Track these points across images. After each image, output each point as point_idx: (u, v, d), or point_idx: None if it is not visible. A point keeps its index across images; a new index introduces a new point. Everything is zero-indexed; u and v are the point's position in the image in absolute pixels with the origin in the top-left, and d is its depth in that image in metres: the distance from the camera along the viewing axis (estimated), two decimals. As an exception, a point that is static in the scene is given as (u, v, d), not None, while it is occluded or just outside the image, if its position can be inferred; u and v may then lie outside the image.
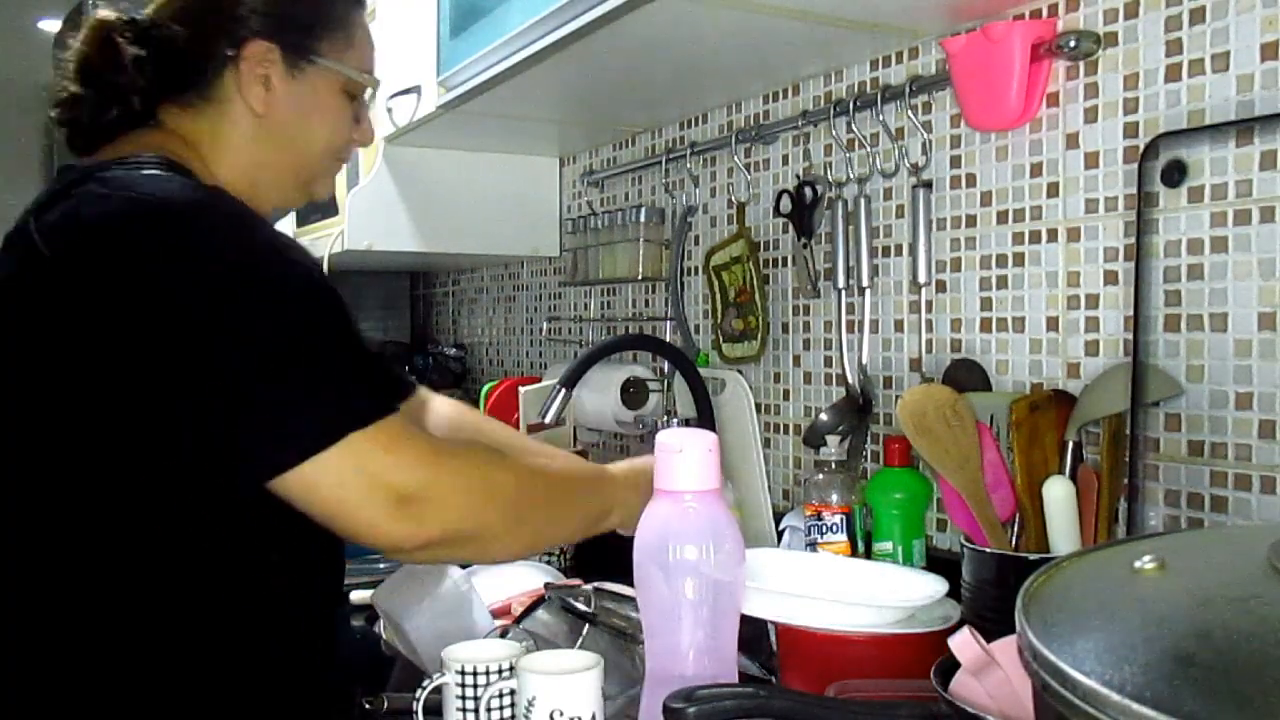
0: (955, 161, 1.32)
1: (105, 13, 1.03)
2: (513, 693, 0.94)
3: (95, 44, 1.02)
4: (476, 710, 0.95)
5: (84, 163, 0.99)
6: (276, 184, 1.10)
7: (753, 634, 1.06)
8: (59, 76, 1.04)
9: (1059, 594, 0.53)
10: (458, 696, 0.95)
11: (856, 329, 1.44)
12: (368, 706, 1.06)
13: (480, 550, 1.00)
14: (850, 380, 1.44)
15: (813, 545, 1.30)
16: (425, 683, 0.97)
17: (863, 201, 1.40)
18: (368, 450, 0.87)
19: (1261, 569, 0.49)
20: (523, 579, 1.47)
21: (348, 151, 1.16)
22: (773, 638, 1.11)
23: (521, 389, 1.85)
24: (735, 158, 1.66)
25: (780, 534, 1.46)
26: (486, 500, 0.95)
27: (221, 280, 0.86)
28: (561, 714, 0.88)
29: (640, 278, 1.86)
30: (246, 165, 1.06)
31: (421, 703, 0.96)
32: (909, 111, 1.34)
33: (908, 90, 1.33)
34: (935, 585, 1.05)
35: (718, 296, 1.70)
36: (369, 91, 1.13)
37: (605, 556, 1.25)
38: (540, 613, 1.22)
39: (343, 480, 0.87)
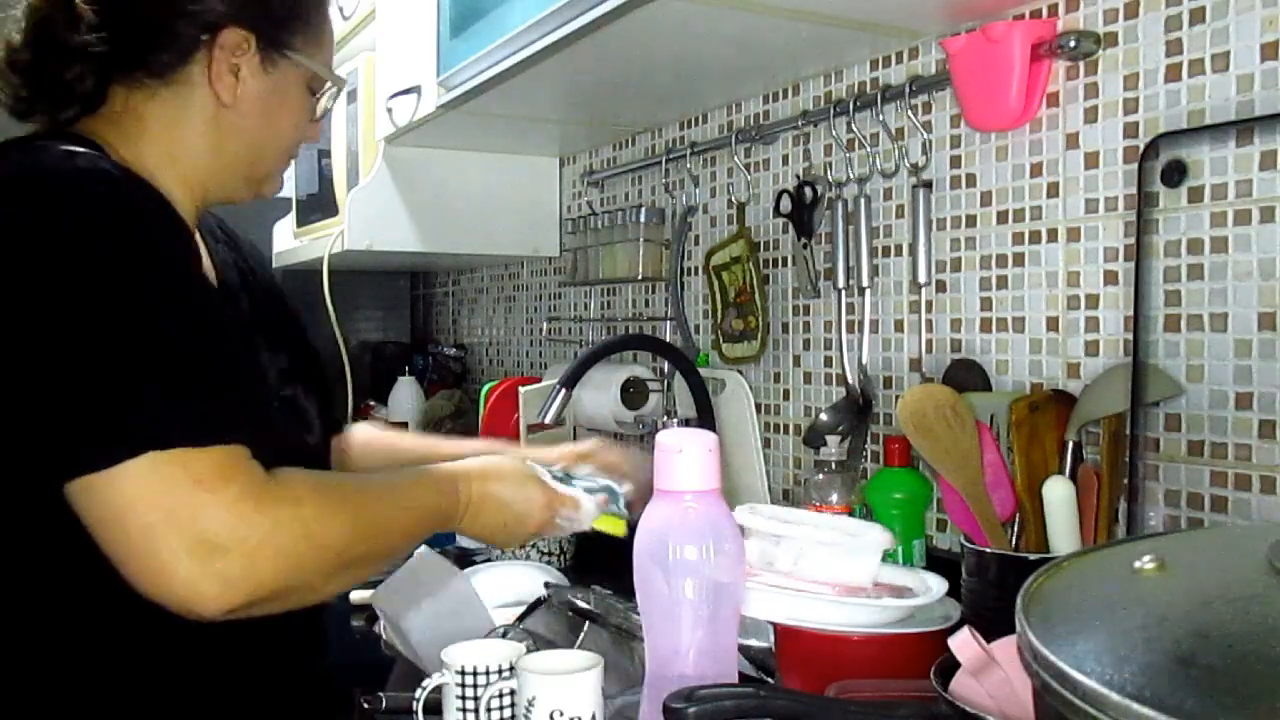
0: (955, 161, 1.32)
1: None
2: (513, 693, 0.94)
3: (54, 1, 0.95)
4: (476, 710, 0.95)
5: None
6: (227, 176, 1.03)
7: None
8: (9, 29, 0.97)
9: (1059, 594, 0.53)
10: (458, 696, 0.95)
11: (856, 329, 1.44)
12: (366, 706, 1.06)
13: (300, 601, 0.87)
14: (850, 380, 1.44)
15: (813, 545, 1.30)
16: (425, 682, 0.97)
17: (863, 201, 1.40)
18: (176, 478, 0.76)
19: (1261, 569, 0.49)
20: (523, 579, 1.47)
21: (297, 149, 1.11)
22: (771, 637, 1.11)
23: (521, 389, 1.85)
24: (735, 158, 1.66)
25: (780, 534, 1.46)
26: (309, 554, 0.82)
27: (54, 255, 0.80)
28: (561, 714, 0.88)
29: (640, 278, 1.86)
30: (198, 155, 1.00)
31: (421, 703, 0.96)
32: (909, 111, 1.34)
33: (908, 90, 1.33)
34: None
35: (718, 296, 1.70)
36: (331, 91, 1.08)
37: (605, 557, 1.25)
38: (540, 613, 1.22)
39: (135, 501, 0.75)
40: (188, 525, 0.76)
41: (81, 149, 0.89)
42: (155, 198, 0.88)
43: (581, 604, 1.14)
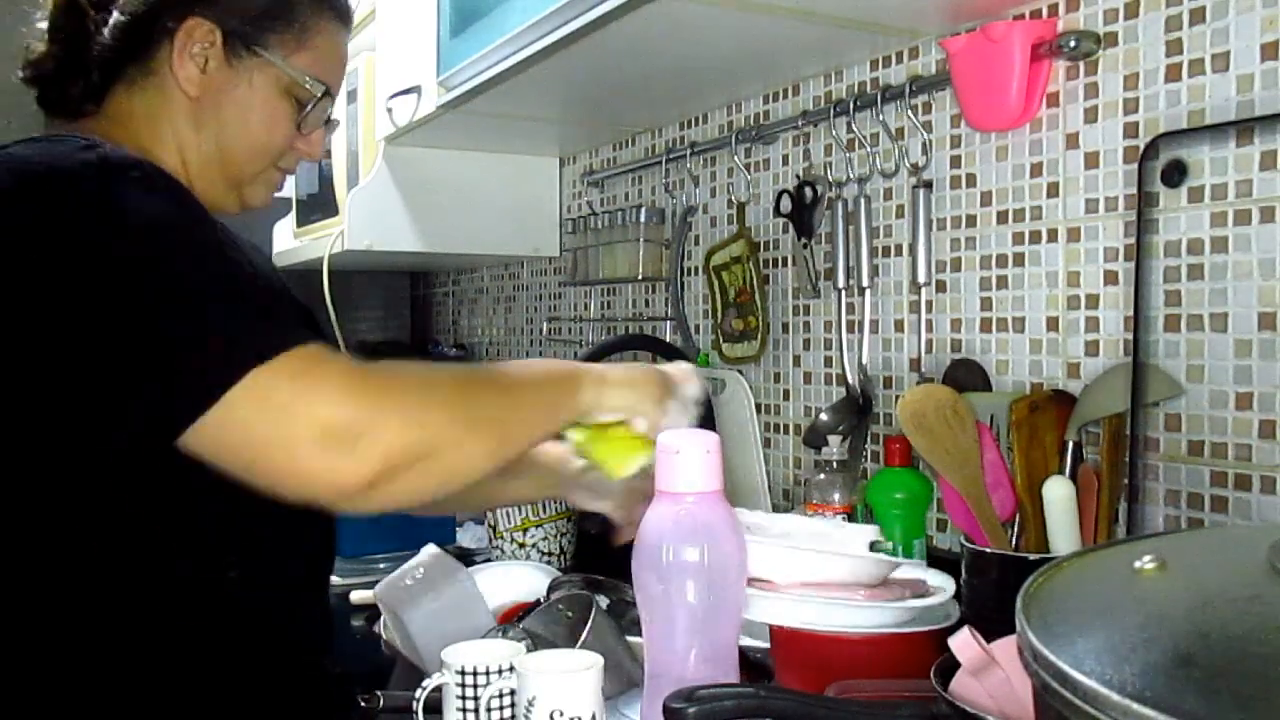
0: (955, 161, 1.32)
1: None
2: (513, 692, 0.94)
3: (63, 7, 1.01)
4: (476, 710, 0.95)
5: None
6: (205, 178, 1.04)
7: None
8: (29, 38, 1.03)
9: (1059, 594, 0.53)
10: (458, 696, 0.95)
11: (856, 329, 1.44)
12: (363, 704, 1.06)
13: (445, 468, 0.85)
14: (850, 380, 1.44)
15: (813, 545, 1.30)
16: (425, 682, 0.97)
17: (863, 201, 1.40)
18: (273, 383, 0.78)
19: (1261, 569, 0.49)
20: (525, 579, 1.47)
21: (289, 160, 1.10)
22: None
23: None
24: (735, 158, 1.66)
25: (780, 534, 1.46)
26: (426, 408, 0.84)
27: (95, 236, 0.82)
28: (562, 714, 0.88)
29: (640, 278, 1.86)
30: (176, 150, 1.02)
31: (421, 702, 0.96)
32: (909, 111, 1.34)
33: (908, 90, 1.33)
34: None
35: (718, 296, 1.70)
36: (315, 101, 1.06)
37: (605, 557, 1.25)
38: (540, 613, 1.22)
39: (249, 421, 0.78)
40: (305, 419, 0.79)
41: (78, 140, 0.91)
42: (170, 175, 0.91)
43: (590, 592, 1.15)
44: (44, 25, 1.03)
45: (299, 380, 0.79)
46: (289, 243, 2.48)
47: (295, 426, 0.78)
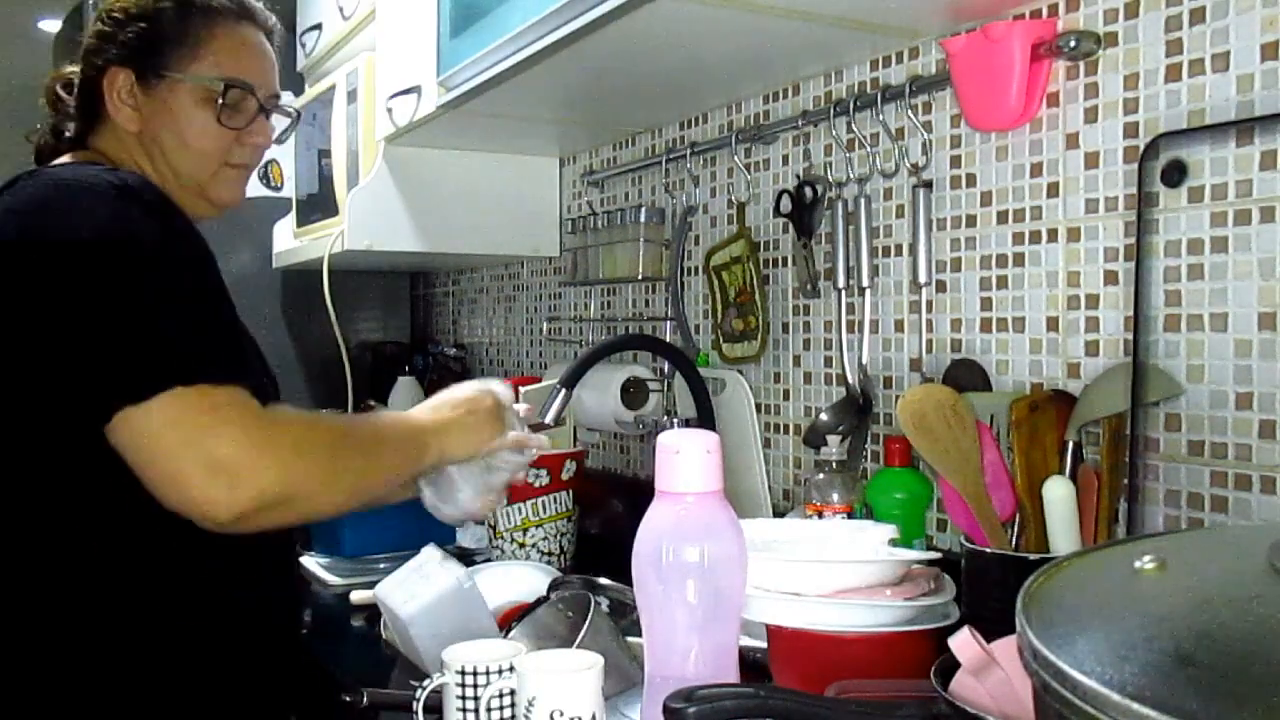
0: (955, 161, 1.32)
1: (55, 71, 1.25)
2: (513, 692, 0.94)
3: (48, 92, 1.25)
4: (477, 710, 0.95)
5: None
6: (175, 193, 1.16)
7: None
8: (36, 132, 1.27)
9: (1059, 594, 0.53)
10: (458, 697, 0.95)
11: (856, 329, 1.44)
12: (347, 700, 1.07)
13: (301, 513, 1.00)
14: (850, 380, 1.44)
15: (813, 545, 1.30)
16: (425, 682, 0.97)
17: (863, 201, 1.40)
18: (190, 406, 0.91)
19: (1261, 569, 0.49)
20: (525, 579, 1.47)
21: (240, 156, 1.23)
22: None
23: (521, 389, 1.84)
24: (735, 158, 1.66)
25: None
26: (298, 461, 0.96)
27: (93, 241, 0.96)
28: (562, 714, 0.88)
29: (640, 278, 1.86)
30: (149, 176, 1.15)
31: (421, 702, 0.96)
32: (909, 111, 1.34)
33: (908, 90, 1.33)
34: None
35: (718, 296, 1.70)
36: (222, 96, 1.19)
37: (605, 557, 1.25)
38: (540, 612, 1.22)
39: (157, 432, 0.91)
40: (202, 449, 0.91)
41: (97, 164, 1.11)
42: (171, 201, 1.07)
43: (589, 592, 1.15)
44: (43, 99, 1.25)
45: (211, 414, 0.92)
46: (289, 243, 2.48)
47: (192, 453, 0.90)
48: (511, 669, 0.94)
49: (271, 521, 0.97)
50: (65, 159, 1.18)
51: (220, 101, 1.19)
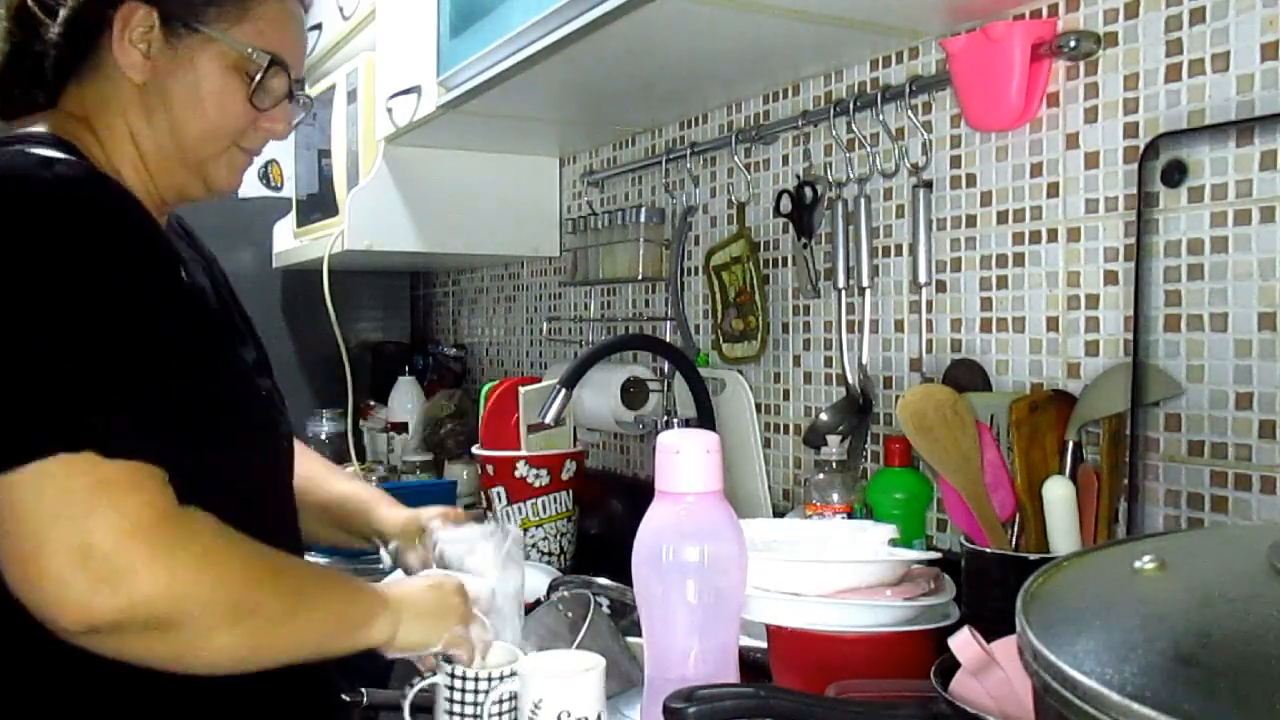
0: (955, 161, 1.32)
1: None
2: (514, 696, 0.94)
3: (13, 13, 1.00)
4: (477, 714, 0.94)
5: None
6: (163, 166, 1.01)
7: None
8: None
9: (1059, 594, 0.53)
10: (446, 699, 0.95)
11: (856, 329, 1.44)
12: (347, 700, 1.06)
13: (178, 649, 0.80)
14: (850, 380, 1.44)
15: (813, 545, 1.30)
16: (415, 680, 0.97)
17: (863, 201, 1.40)
18: (73, 477, 0.75)
19: (1261, 569, 0.49)
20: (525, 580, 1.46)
21: (253, 140, 1.06)
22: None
23: (521, 389, 1.85)
24: (735, 158, 1.66)
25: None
26: (197, 580, 0.78)
27: (10, 258, 0.80)
28: (569, 715, 0.87)
29: (640, 278, 1.86)
30: (130, 140, 1.00)
31: (409, 701, 0.96)
32: (909, 111, 1.34)
33: (908, 90, 1.33)
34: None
35: (718, 296, 1.70)
36: (263, 72, 1.01)
37: (605, 557, 1.25)
38: (540, 612, 1.22)
39: (28, 500, 0.74)
40: (74, 530, 0.74)
41: (47, 148, 0.90)
42: (121, 200, 0.88)
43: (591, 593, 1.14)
44: None
45: (95, 492, 0.75)
46: (289, 243, 2.48)
47: (58, 533, 0.74)
48: (503, 676, 0.94)
49: (132, 650, 0.78)
50: (32, 125, 0.97)
51: (258, 77, 1.01)
